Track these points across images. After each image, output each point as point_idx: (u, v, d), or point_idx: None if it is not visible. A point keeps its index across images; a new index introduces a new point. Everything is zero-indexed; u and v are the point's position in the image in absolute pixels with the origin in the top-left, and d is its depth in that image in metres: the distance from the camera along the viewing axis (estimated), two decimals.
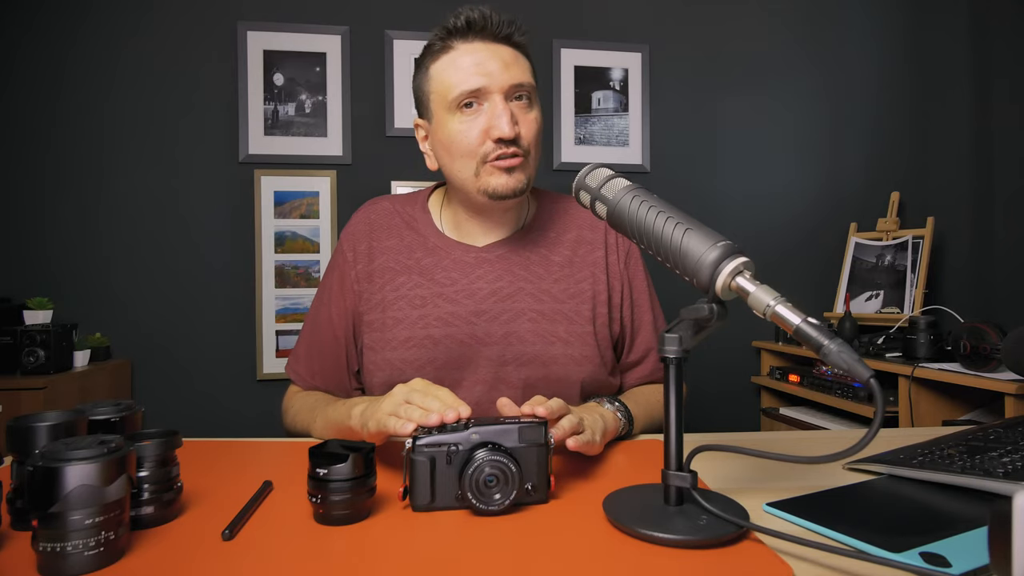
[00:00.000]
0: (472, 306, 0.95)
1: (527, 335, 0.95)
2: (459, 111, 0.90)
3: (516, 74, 0.90)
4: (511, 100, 0.90)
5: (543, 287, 0.98)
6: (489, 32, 0.90)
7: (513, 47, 0.92)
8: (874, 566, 0.48)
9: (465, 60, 0.89)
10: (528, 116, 0.92)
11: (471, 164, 0.91)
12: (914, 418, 1.72)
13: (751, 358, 2.49)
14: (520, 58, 0.93)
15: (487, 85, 0.88)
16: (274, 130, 2.22)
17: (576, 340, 0.96)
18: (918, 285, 2.14)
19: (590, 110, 2.38)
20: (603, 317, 1.00)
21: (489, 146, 0.89)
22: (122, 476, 0.49)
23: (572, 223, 1.04)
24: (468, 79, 0.88)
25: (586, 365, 0.96)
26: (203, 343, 2.19)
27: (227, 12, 2.20)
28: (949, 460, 0.66)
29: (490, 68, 0.88)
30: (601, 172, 0.65)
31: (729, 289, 0.54)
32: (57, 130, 2.12)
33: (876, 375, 0.47)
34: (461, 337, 0.94)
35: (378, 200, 1.06)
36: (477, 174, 0.91)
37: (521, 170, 0.91)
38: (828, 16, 2.52)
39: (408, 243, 1.01)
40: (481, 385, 0.94)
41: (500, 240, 1.00)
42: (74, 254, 2.13)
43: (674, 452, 0.56)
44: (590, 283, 1.00)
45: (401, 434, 0.63)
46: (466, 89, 0.88)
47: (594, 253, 1.02)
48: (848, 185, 2.51)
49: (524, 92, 0.91)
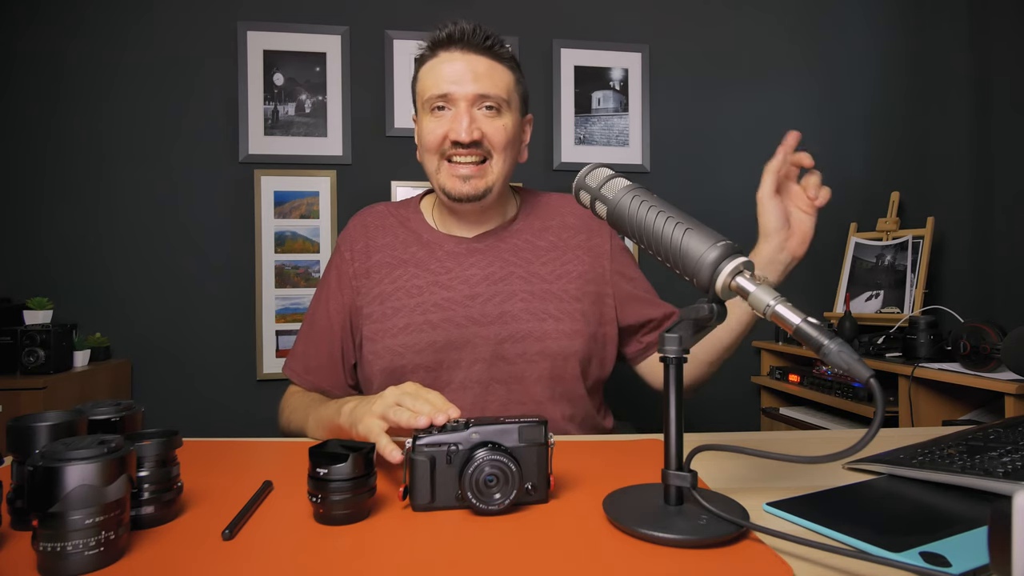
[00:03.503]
0: (467, 290, 1.01)
1: (520, 313, 1.00)
2: (431, 112, 0.99)
3: (484, 85, 0.97)
4: (479, 108, 0.98)
5: (532, 270, 1.04)
6: (467, 43, 0.98)
7: (494, 58, 0.99)
8: (874, 566, 0.48)
9: (443, 67, 0.98)
10: (495, 123, 0.99)
11: (434, 160, 1.00)
12: (914, 418, 1.72)
13: (751, 358, 2.49)
14: (497, 69, 1.00)
15: (453, 92, 0.97)
16: (274, 130, 2.22)
17: (565, 316, 1.01)
18: (918, 285, 2.14)
19: (590, 110, 2.38)
20: (591, 296, 1.05)
21: (448, 145, 0.98)
22: (122, 476, 0.49)
23: (555, 212, 1.11)
24: (439, 84, 0.98)
25: (577, 339, 1.01)
26: (203, 343, 2.19)
27: (227, 12, 2.20)
28: (949, 460, 0.66)
29: (460, 77, 0.97)
30: (601, 172, 0.65)
31: (729, 289, 0.54)
32: (57, 130, 2.12)
33: (876, 375, 0.47)
34: (458, 320, 0.99)
35: (372, 206, 1.14)
36: (437, 171, 1.01)
37: (479, 177, 0.99)
38: (828, 16, 2.52)
39: (403, 240, 1.07)
40: (480, 363, 0.99)
41: (488, 231, 1.07)
42: (74, 254, 2.13)
43: (674, 452, 0.56)
44: (575, 264, 1.06)
45: (384, 451, 0.64)
46: (435, 93, 0.98)
47: (577, 236, 1.09)
48: (848, 185, 2.51)
49: (491, 102, 0.98)
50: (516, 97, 1.03)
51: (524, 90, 1.06)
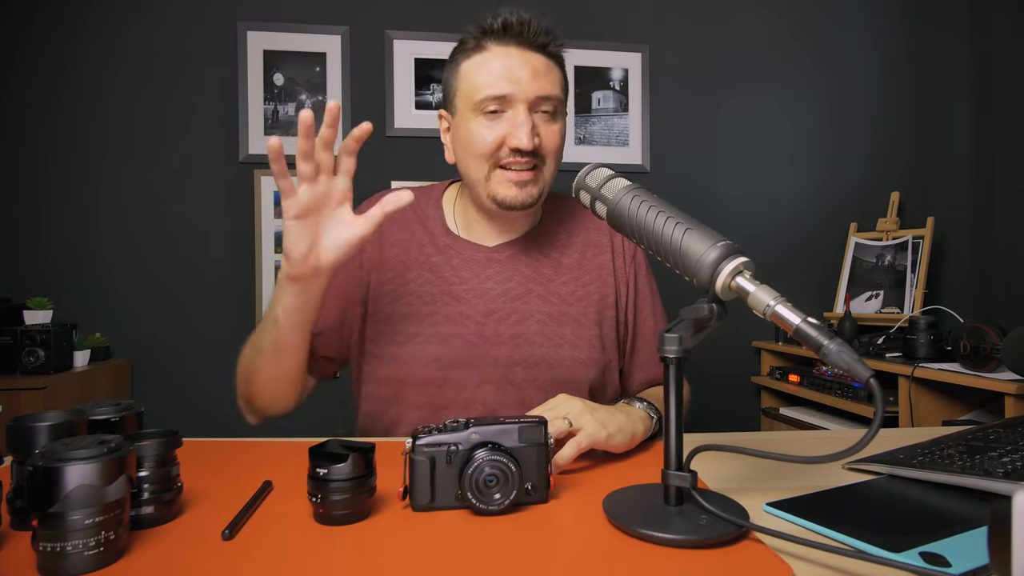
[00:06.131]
0: (482, 306, 0.95)
1: (535, 337, 0.95)
2: (482, 114, 0.89)
3: (545, 85, 0.89)
4: (535, 111, 0.90)
5: (552, 288, 0.98)
6: (524, 39, 0.89)
7: (547, 57, 0.92)
8: (874, 566, 0.48)
9: (496, 64, 0.89)
10: (551, 128, 0.91)
11: (484, 166, 0.91)
12: (914, 418, 1.72)
13: (751, 358, 2.49)
14: (553, 69, 0.92)
15: (513, 93, 0.88)
16: (274, 130, 2.22)
17: (583, 343, 0.96)
18: (918, 285, 2.14)
19: (590, 110, 2.38)
20: (610, 320, 1.00)
21: (504, 152, 0.89)
22: (122, 476, 0.49)
23: (580, 226, 1.04)
24: (496, 83, 0.88)
25: (592, 368, 0.96)
26: (203, 343, 2.19)
27: (227, 12, 2.20)
28: (949, 460, 0.66)
29: (519, 76, 0.88)
30: (601, 172, 0.65)
31: (729, 289, 0.54)
32: (57, 130, 2.12)
33: (876, 375, 0.47)
34: (469, 337, 0.93)
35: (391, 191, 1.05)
36: (488, 178, 0.91)
37: (533, 183, 0.91)
38: (828, 16, 2.52)
39: (419, 238, 0.99)
40: (488, 385, 0.93)
41: (510, 241, 1.00)
42: (74, 254, 2.13)
43: (674, 452, 0.56)
44: (597, 286, 1.00)
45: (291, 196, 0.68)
46: (492, 94, 0.88)
47: (601, 256, 1.02)
48: (848, 185, 2.51)
49: (549, 105, 0.90)
50: (566, 98, 0.95)
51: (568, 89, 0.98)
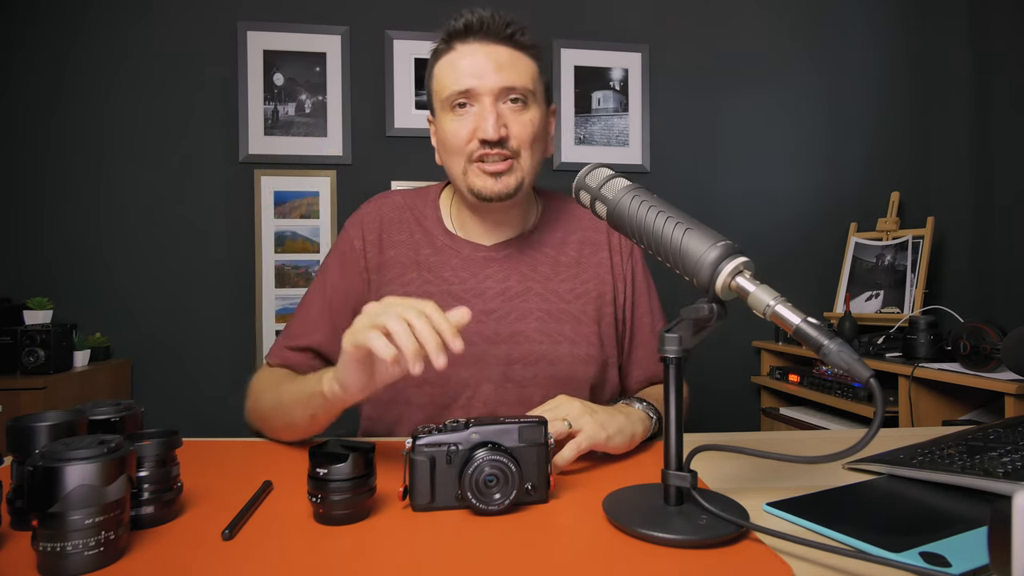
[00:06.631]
0: (481, 305, 0.95)
1: (534, 334, 0.95)
2: (452, 110, 0.92)
3: (509, 76, 0.90)
4: (504, 102, 0.91)
5: (550, 287, 0.99)
6: (488, 33, 0.91)
7: (515, 48, 0.92)
8: (874, 566, 0.48)
9: (462, 62, 0.91)
10: (520, 118, 0.92)
11: (460, 162, 0.93)
12: (914, 418, 1.72)
13: (751, 358, 2.49)
14: (520, 59, 0.92)
15: (476, 87, 0.90)
16: (274, 130, 2.22)
17: (582, 340, 0.97)
18: (918, 285, 2.14)
19: (590, 110, 2.38)
20: (608, 317, 1.01)
21: (475, 145, 0.91)
22: (122, 476, 0.49)
23: (578, 224, 1.05)
24: (460, 80, 0.90)
25: (592, 365, 0.97)
26: (203, 343, 2.19)
27: (227, 12, 2.20)
28: (949, 460, 0.66)
29: (483, 70, 0.89)
30: (601, 172, 0.65)
31: (729, 289, 0.54)
32: (57, 130, 2.12)
33: (876, 375, 0.47)
34: (469, 336, 0.92)
35: (390, 194, 1.06)
36: (465, 172, 0.93)
37: (509, 174, 0.92)
38: (828, 16, 2.52)
39: (417, 240, 1.00)
40: (489, 383, 0.94)
41: (508, 240, 1.01)
42: (74, 254, 2.13)
43: (674, 452, 0.56)
44: (595, 283, 1.01)
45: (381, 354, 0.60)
46: (456, 90, 0.90)
47: (599, 254, 1.03)
48: (848, 185, 2.51)
49: (517, 95, 0.91)
50: (540, 87, 0.95)
51: (548, 79, 0.98)
